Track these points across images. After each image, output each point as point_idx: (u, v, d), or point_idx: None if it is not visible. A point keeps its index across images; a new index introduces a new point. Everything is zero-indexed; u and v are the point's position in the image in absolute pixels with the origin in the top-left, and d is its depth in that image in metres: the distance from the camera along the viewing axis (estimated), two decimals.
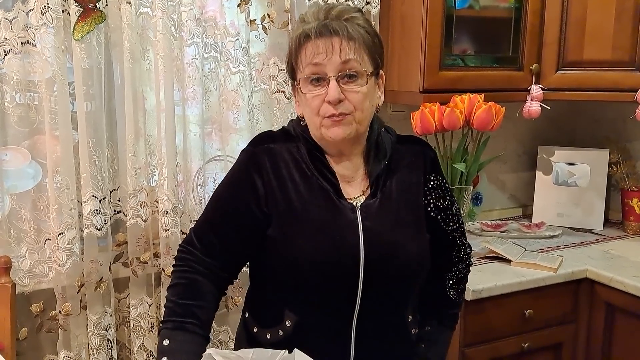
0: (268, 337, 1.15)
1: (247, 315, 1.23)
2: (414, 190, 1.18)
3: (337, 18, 1.06)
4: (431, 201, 1.19)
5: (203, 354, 1.05)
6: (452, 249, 1.25)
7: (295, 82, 1.12)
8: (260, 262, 1.15)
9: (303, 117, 1.14)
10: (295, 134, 1.16)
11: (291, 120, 1.21)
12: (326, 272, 1.08)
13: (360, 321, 1.11)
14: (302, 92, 1.09)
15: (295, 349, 1.02)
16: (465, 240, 1.28)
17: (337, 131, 1.08)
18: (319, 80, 1.06)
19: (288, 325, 1.12)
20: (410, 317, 1.21)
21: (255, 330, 1.19)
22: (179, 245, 1.18)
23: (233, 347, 1.35)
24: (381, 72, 1.14)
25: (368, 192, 1.15)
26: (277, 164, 1.12)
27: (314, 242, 1.09)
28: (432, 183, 1.20)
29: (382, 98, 1.17)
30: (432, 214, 1.19)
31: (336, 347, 1.12)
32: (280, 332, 1.13)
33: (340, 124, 1.07)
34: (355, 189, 1.15)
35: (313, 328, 1.11)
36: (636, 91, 1.87)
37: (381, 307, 1.13)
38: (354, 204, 1.13)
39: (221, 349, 1.84)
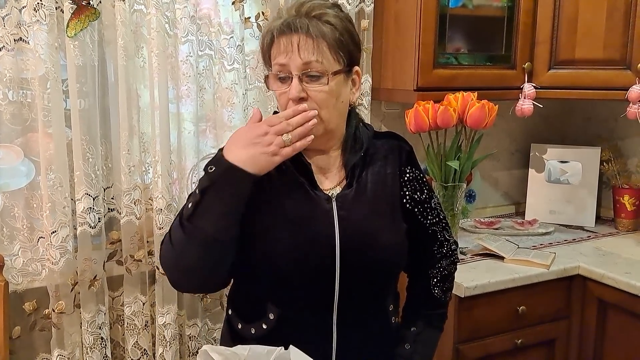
0: (252, 331, 1.15)
1: (230, 313, 1.23)
2: (389, 181, 1.18)
3: (306, 14, 1.07)
4: (407, 193, 1.20)
5: (199, 350, 1.05)
6: (433, 244, 1.25)
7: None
8: (241, 256, 1.15)
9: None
10: None
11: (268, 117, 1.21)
12: (303, 263, 1.09)
13: (341, 311, 1.12)
14: (272, 89, 1.11)
15: (291, 346, 1.02)
16: (449, 236, 1.28)
17: None
18: (285, 78, 1.08)
19: (271, 318, 1.13)
20: (391, 306, 1.22)
21: (239, 326, 1.19)
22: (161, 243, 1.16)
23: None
24: (356, 68, 1.13)
25: (344, 182, 1.16)
26: None
27: (289, 234, 1.09)
28: (407, 175, 1.20)
29: (357, 94, 1.17)
30: (408, 206, 1.20)
31: (319, 337, 1.13)
32: (264, 326, 1.14)
33: None
34: (331, 180, 1.16)
35: (296, 320, 1.12)
36: (627, 89, 1.88)
37: (360, 296, 1.14)
38: (330, 194, 1.14)
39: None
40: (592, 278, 1.79)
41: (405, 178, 1.20)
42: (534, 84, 1.99)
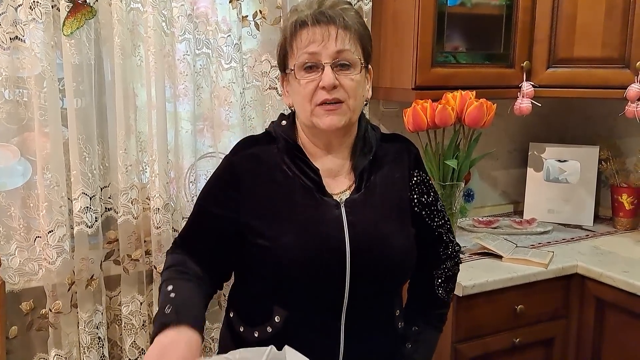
0: (256, 335, 1.15)
1: (231, 315, 1.22)
2: (397, 185, 1.19)
3: (331, 8, 1.08)
4: (415, 196, 1.20)
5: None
6: (439, 245, 1.26)
7: (287, 71, 1.12)
8: (246, 261, 1.15)
9: (292, 107, 1.15)
10: (275, 135, 1.16)
11: (272, 122, 1.21)
12: (313, 270, 1.08)
13: (349, 315, 1.12)
14: (296, 78, 1.09)
15: (286, 346, 1.02)
16: (453, 237, 1.29)
17: (332, 120, 1.08)
18: (313, 67, 1.08)
19: (277, 321, 1.12)
20: (397, 311, 1.22)
21: (241, 329, 1.18)
22: (167, 252, 1.19)
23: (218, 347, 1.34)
24: (370, 66, 1.16)
25: (353, 186, 1.15)
26: (257, 169, 1.13)
27: (299, 241, 1.09)
28: (415, 179, 1.21)
29: (370, 92, 1.18)
30: (416, 209, 1.20)
31: (326, 341, 1.12)
32: (269, 329, 1.13)
33: (335, 113, 1.08)
34: (340, 184, 1.16)
35: (302, 323, 1.11)
36: (625, 88, 1.88)
37: (369, 301, 1.13)
38: (339, 199, 1.13)
39: (214, 346, 1.84)
40: (590, 277, 1.79)
41: (414, 181, 1.20)
42: (532, 83, 1.99)
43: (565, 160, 2.28)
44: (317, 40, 1.06)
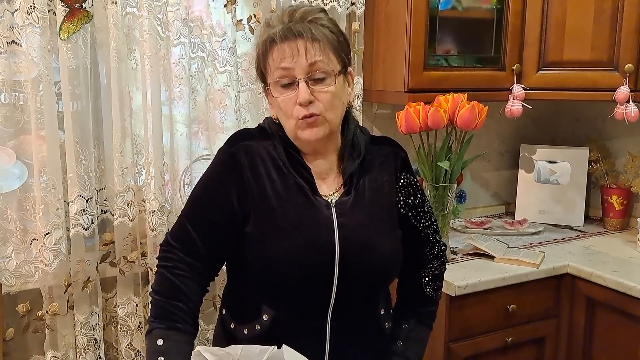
0: (245, 332, 1.16)
1: (224, 312, 1.24)
2: (385, 188, 1.21)
3: (301, 20, 1.09)
4: (401, 199, 1.22)
5: (192, 352, 1.06)
6: (425, 246, 1.28)
7: (266, 86, 1.14)
8: (238, 258, 1.17)
9: (277, 119, 1.16)
10: (270, 132, 1.18)
11: (266, 117, 1.22)
12: (302, 268, 1.10)
13: (335, 315, 1.14)
14: (274, 97, 1.12)
15: (284, 345, 1.04)
16: (440, 237, 1.31)
17: (311, 133, 1.10)
18: (289, 84, 1.09)
19: (265, 319, 1.14)
20: (382, 310, 1.24)
21: (232, 326, 1.20)
22: (160, 244, 1.19)
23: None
24: (349, 69, 1.17)
25: (342, 189, 1.17)
26: (254, 162, 1.14)
27: (290, 238, 1.10)
28: (402, 181, 1.23)
29: (352, 94, 1.20)
30: (402, 211, 1.22)
31: (312, 340, 1.14)
32: (258, 327, 1.15)
33: (313, 125, 1.10)
34: (329, 186, 1.18)
35: (289, 322, 1.13)
36: (614, 91, 1.91)
37: (355, 301, 1.15)
38: (329, 200, 1.15)
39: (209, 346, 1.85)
40: (580, 277, 1.82)
41: (400, 184, 1.23)
42: (523, 86, 2.01)
43: (555, 162, 2.31)
44: (287, 56, 1.07)
